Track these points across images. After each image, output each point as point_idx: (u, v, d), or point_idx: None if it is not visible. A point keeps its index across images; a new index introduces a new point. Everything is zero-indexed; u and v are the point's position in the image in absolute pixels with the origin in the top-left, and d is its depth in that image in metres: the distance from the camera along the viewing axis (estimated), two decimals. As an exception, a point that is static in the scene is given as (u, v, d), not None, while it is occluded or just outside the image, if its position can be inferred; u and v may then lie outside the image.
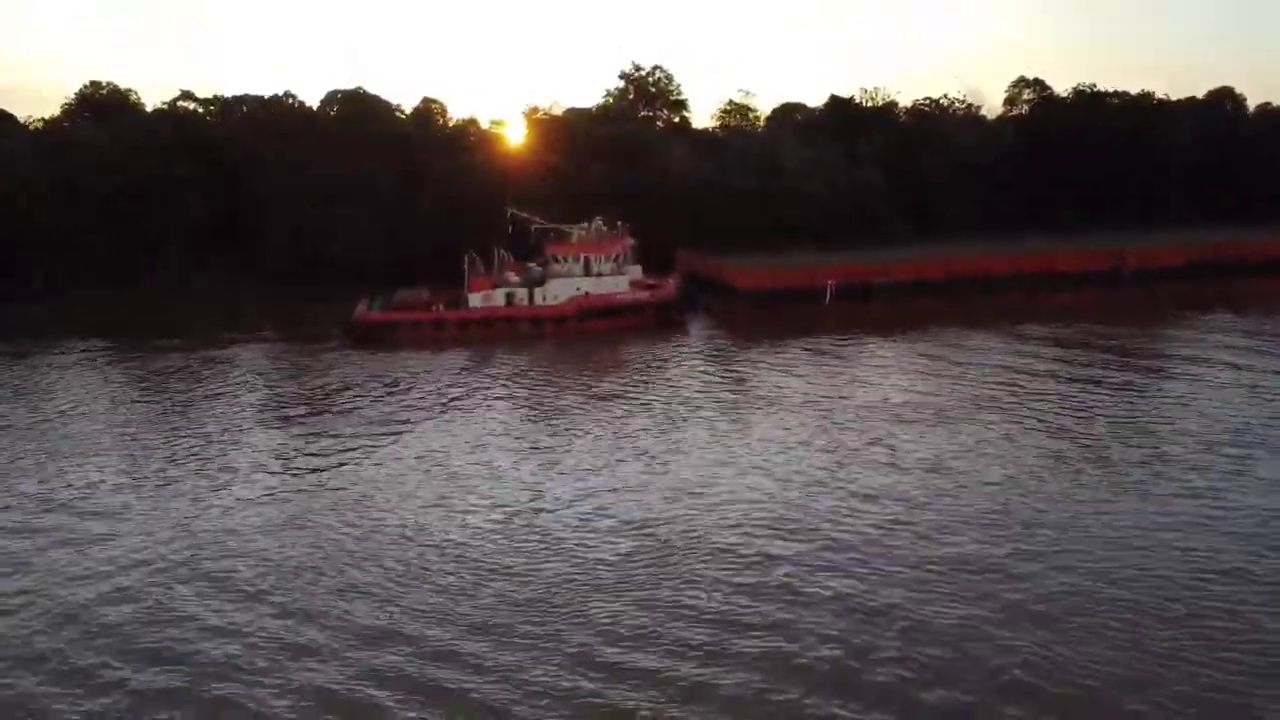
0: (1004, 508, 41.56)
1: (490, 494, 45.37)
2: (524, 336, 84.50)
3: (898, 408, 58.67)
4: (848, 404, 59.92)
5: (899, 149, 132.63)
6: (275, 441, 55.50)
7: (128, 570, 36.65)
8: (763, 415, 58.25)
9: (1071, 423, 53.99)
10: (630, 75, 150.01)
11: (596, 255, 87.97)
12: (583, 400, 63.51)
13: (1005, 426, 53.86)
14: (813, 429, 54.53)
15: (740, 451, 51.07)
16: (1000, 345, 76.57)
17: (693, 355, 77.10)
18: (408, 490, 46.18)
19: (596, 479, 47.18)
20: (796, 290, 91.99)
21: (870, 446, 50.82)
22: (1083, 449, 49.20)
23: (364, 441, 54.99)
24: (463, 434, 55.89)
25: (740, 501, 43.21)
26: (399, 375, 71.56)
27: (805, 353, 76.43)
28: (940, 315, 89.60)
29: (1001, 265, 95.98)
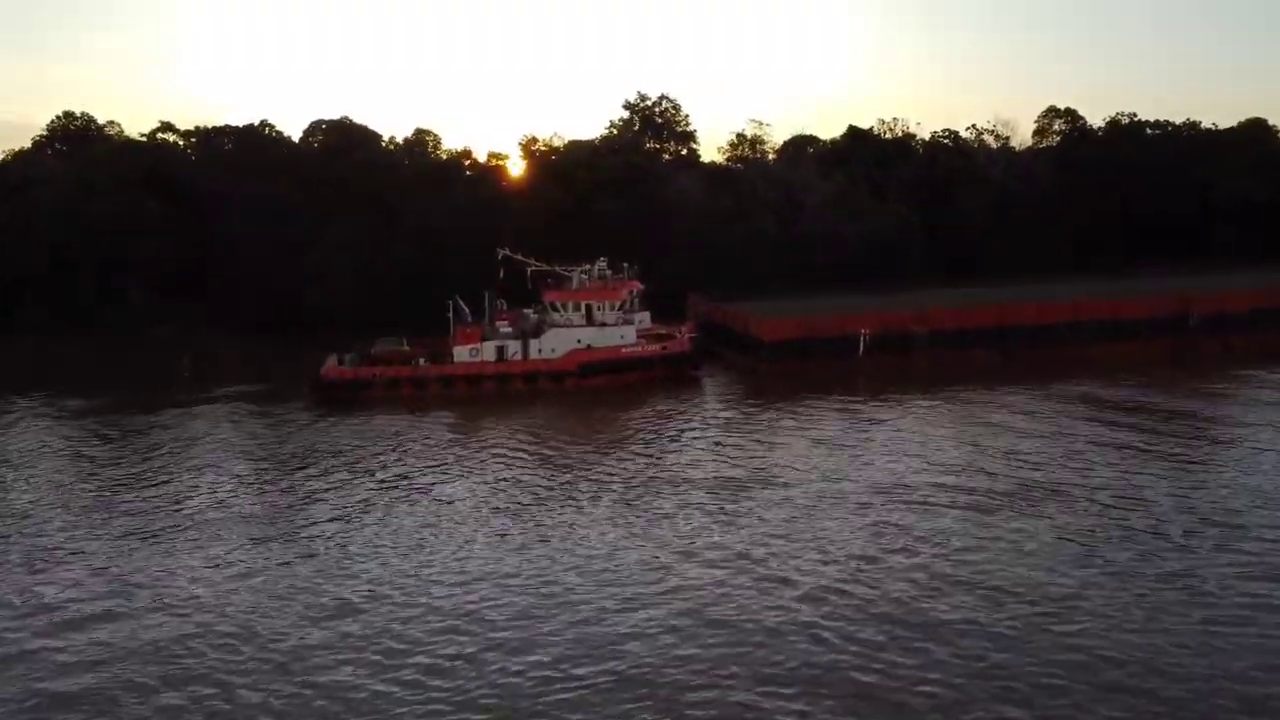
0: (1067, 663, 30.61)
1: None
2: (517, 396, 72.79)
3: (931, 491, 47.82)
4: (874, 487, 48.88)
5: (927, 185, 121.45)
6: (203, 545, 43.53)
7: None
8: (770, 502, 47.12)
9: (1142, 524, 42.57)
10: (635, 105, 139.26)
11: (600, 302, 76.36)
12: (574, 479, 51.86)
13: (1061, 519, 43.20)
14: (826, 525, 43.65)
15: (730, 552, 40.48)
16: (1057, 408, 65.03)
17: (705, 421, 65.36)
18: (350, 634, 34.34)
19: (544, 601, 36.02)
20: (826, 341, 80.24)
21: (890, 554, 39.90)
22: (1160, 569, 37.90)
23: (304, 543, 43.11)
24: (420, 525, 44.17)
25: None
26: (366, 446, 59.73)
27: (833, 416, 64.94)
28: (988, 370, 77.94)
29: (1057, 312, 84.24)
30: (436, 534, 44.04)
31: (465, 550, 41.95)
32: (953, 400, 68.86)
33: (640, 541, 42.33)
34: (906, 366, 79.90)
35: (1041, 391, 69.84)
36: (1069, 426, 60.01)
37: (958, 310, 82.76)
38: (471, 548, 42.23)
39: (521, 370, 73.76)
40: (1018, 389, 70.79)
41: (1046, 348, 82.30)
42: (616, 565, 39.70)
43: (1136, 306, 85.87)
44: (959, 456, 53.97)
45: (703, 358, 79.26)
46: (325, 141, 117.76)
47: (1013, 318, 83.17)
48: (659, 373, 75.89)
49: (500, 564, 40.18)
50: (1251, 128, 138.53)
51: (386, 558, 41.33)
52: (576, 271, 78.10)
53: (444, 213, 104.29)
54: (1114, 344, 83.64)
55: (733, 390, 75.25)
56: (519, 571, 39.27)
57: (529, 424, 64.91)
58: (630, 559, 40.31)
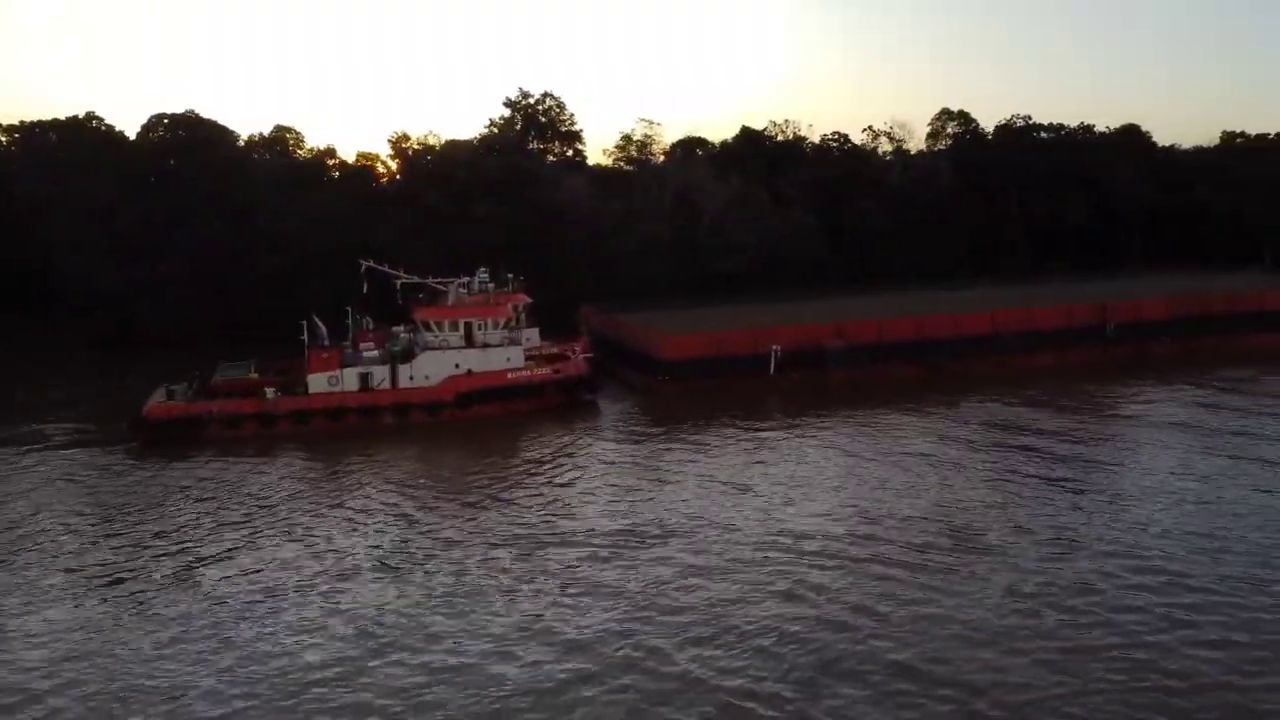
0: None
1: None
2: (385, 431, 61.49)
3: (832, 540, 40.09)
4: (775, 541, 40.31)
5: (824, 188, 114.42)
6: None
7: None
8: (652, 562, 38.39)
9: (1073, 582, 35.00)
10: (517, 103, 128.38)
11: (481, 320, 65.60)
12: (427, 541, 41.65)
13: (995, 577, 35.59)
14: (710, 581, 36.00)
15: (578, 640, 31.63)
16: (974, 432, 58.22)
17: (595, 457, 55.49)
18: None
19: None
20: (734, 360, 71.42)
21: (797, 643, 31.17)
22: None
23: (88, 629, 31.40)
24: (227, 615, 33.04)
25: None
26: (179, 506, 47.68)
27: (739, 448, 56.42)
28: (906, 387, 70.68)
29: (976, 324, 77.46)
30: (241, 625, 33.18)
31: (270, 648, 31.38)
32: (870, 423, 61.29)
33: (475, 623, 33.02)
34: (822, 384, 71.85)
35: (959, 411, 63.56)
36: (990, 457, 52.86)
37: (875, 323, 75.06)
38: (273, 642, 31.85)
39: (390, 401, 62.44)
40: (936, 408, 64.26)
41: (966, 360, 75.74)
42: (429, 662, 30.13)
43: (1054, 316, 79.81)
44: (874, 497, 46.11)
45: (599, 380, 69.31)
46: (167, 137, 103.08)
47: (931, 330, 75.95)
48: (551, 400, 65.66)
49: (306, 669, 29.71)
50: (1129, 132, 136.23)
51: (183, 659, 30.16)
52: (453, 285, 67.05)
53: (305, 217, 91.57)
54: (1032, 355, 77.63)
55: (631, 417, 65.54)
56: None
57: (392, 468, 53.86)
58: (451, 651, 30.93)
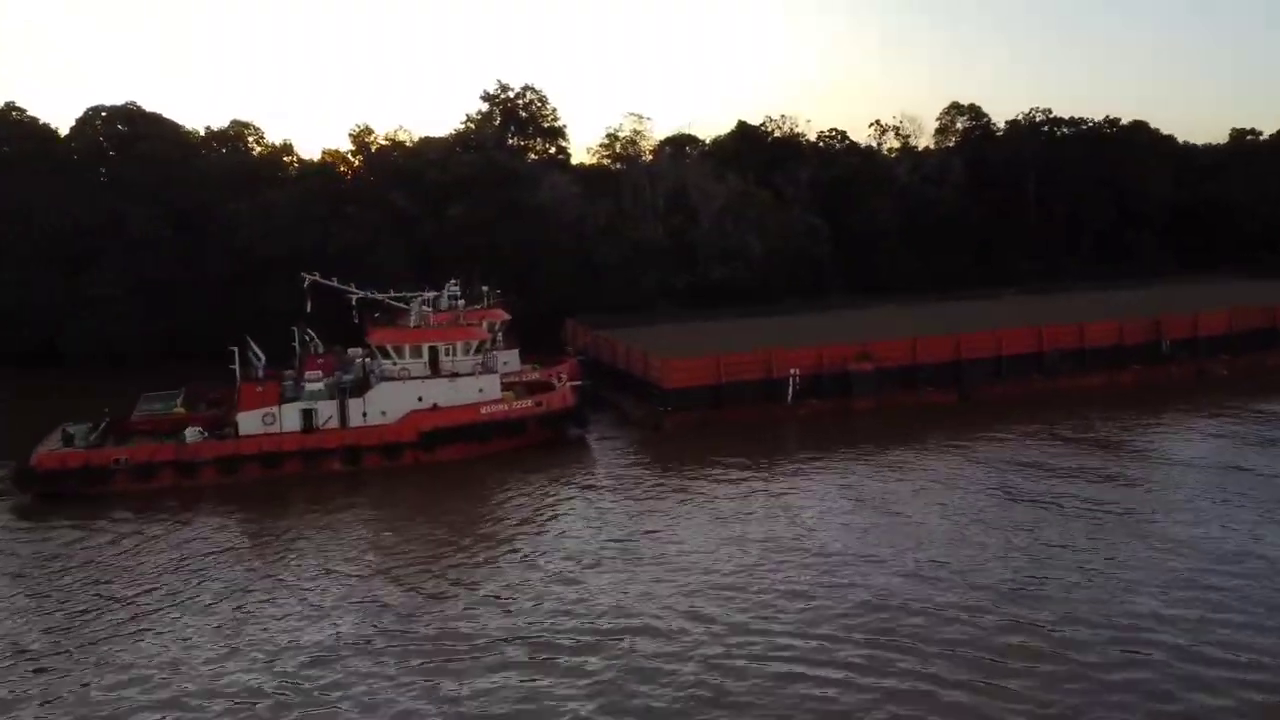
0: None
1: None
2: (333, 479, 49.99)
3: (859, 624, 31.31)
4: (800, 645, 29.92)
5: (831, 187, 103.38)
6: None
7: None
8: (633, 673, 27.64)
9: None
10: (495, 97, 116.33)
11: (449, 344, 54.08)
12: (355, 635, 30.12)
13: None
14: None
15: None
16: (1022, 474, 48.11)
17: (581, 517, 44.10)
18: None
19: None
20: (746, 387, 60.37)
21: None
22: None
23: None
24: None
25: None
26: (60, 584, 36.08)
27: (751, 502, 45.29)
28: (940, 417, 60.63)
29: (1019, 341, 66.72)
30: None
31: None
32: (902, 465, 50.96)
33: None
34: (846, 414, 61.02)
35: (1004, 448, 53.37)
36: (1034, 511, 42.63)
37: (908, 342, 64.04)
38: None
39: (338, 443, 50.84)
40: (977, 444, 54.07)
41: (1008, 383, 65.14)
42: None
43: (1105, 332, 69.12)
44: (920, 569, 35.95)
45: (589, 411, 57.96)
46: (105, 132, 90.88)
47: (970, 350, 65.09)
48: (533, 437, 54.30)
49: None
50: (1138, 129, 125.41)
51: None
52: (415, 301, 55.34)
53: (255, 220, 79.67)
54: (1081, 376, 67.08)
55: (629, 457, 54.21)
56: None
57: (334, 534, 42.45)
58: None
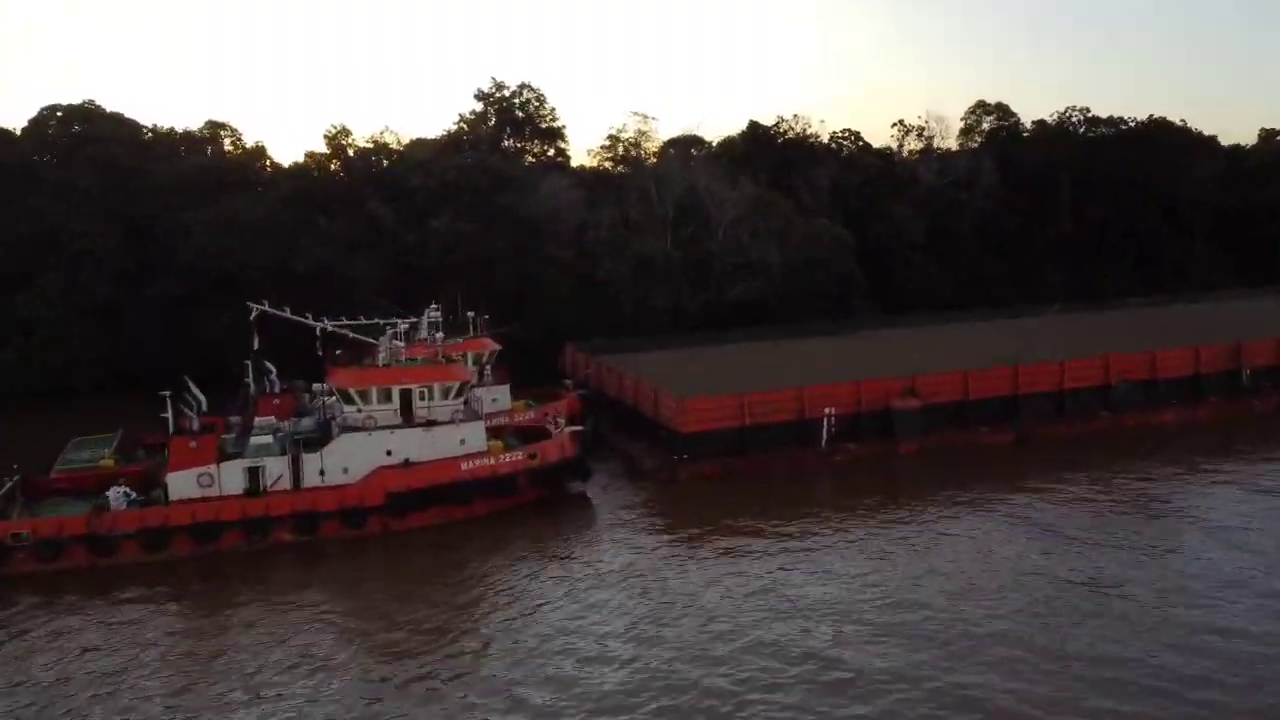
0: None
1: None
2: (282, 554, 40.74)
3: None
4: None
5: (855, 193, 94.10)
6: None
7: None
8: None
9: None
10: (490, 95, 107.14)
11: (425, 386, 44.68)
12: None
13: None
14: None
15: None
16: (1091, 538, 40.31)
17: (571, 616, 34.66)
18: None
19: None
20: (775, 429, 51.14)
21: None
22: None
23: None
24: None
25: None
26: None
27: (794, 572, 37.08)
28: (996, 461, 52.14)
29: (1084, 373, 57.51)
30: None
31: None
32: (956, 522, 42.95)
33: None
34: (888, 459, 51.85)
35: (1072, 501, 45.30)
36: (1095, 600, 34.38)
37: (959, 375, 54.78)
38: None
39: (290, 509, 41.47)
40: (1042, 497, 46.07)
41: (1069, 421, 55.98)
42: None
43: (1179, 360, 59.89)
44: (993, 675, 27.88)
45: (591, 460, 48.56)
46: (58, 133, 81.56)
47: (1030, 383, 55.87)
48: (525, 497, 44.99)
49: None
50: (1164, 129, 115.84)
51: None
52: (385, 336, 45.88)
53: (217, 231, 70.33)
54: (1153, 411, 57.91)
55: (640, 520, 44.89)
56: None
57: (272, 631, 33.23)
58: None
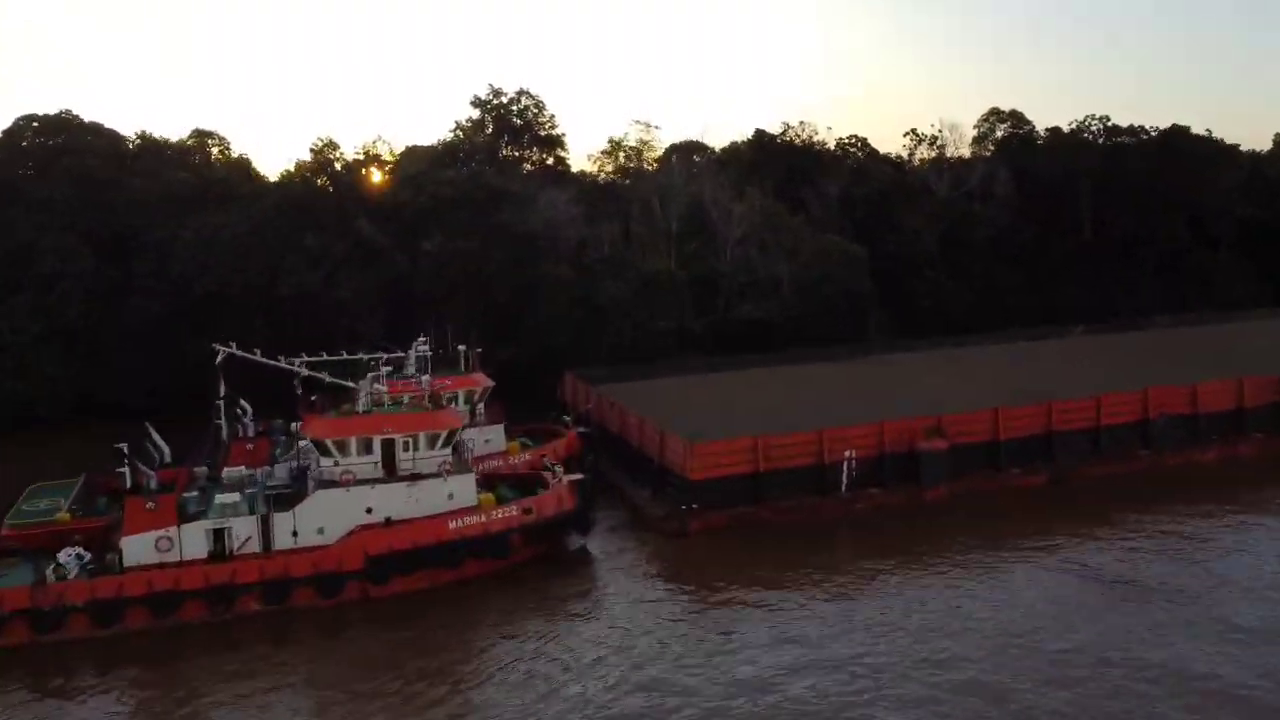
0: None
1: None
2: (249, 626, 36.51)
3: None
4: None
5: (866, 205, 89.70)
6: None
7: None
8: None
9: None
10: (487, 103, 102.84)
11: (409, 435, 40.31)
12: None
13: None
14: None
15: None
16: (1131, 593, 37.63)
17: (591, 672, 31.59)
18: None
19: None
20: (792, 475, 46.86)
21: None
22: None
23: None
24: None
25: None
26: None
27: (795, 647, 33.30)
28: (1028, 506, 48.57)
29: (1119, 408, 53.17)
30: None
31: None
32: (989, 575, 39.96)
33: None
34: (915, 508, 47.61)
35: (1110, 552, 42.13)
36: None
37: (989, 414, 50.43)
38: None
39: (259, 575, 37.13)
40: (1077, 545, 42.98)
41: (1106, 460, 51.74)
42: None
43: (1221, 393, 55.58)
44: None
45: (593, 509, 44.21)
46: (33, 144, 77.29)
47: (1064, 420, 51.56)
48: (520, 556, 40.68)
49: None
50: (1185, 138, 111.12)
51: None
52: (365, 381, 41.44)
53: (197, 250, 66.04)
54: (1193, 449, 53.70)
55: (646, 579, 40.76)
56: None
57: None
58: None
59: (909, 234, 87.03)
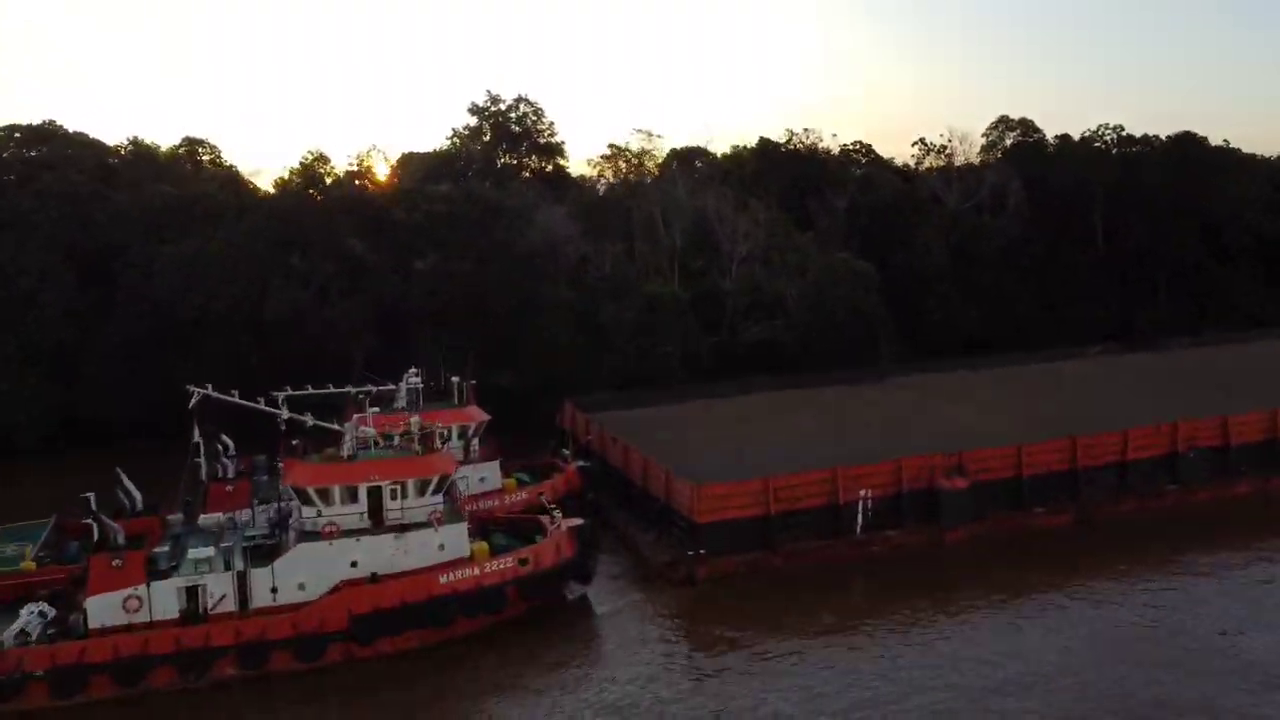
0: None
1: None
2: (227, 690, 33.71)
3: None
4: None
5: (874, 218, 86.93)
6: None
7: None
8: None
9: None
10: (485, 110, 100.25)
11: (396, 482, 37.44)
12: None
13: None
14: None
15: None
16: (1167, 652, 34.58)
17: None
18: None
19: None
20: (805, 517, 44.08)
21: None
22: None
23: None
24: None
25: None
26: None
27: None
28: (1054, 547, 45.87)
29: (1147, 441, 50.40)
30: None
31: None
32: (1017, 624, 37.59)
33: None
34: (936, 551, 44.87)
35: (1145, 595, 39.91)
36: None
37: (1010, 450, 47.62)
38: None
39: (235, 638, 34.28)
40: (1104, 587, 40.50)
41: (1133, 496, 48.97)
42: None
43: (1253, 425, 52.79)
44: None
45: (594, 556, 41.35)
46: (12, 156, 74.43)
47: (1089, 455, 48.77)
48: (515, 610, 37.85)
49: None
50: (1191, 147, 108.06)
51: None
52: (349, 424, 38.51)
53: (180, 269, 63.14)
54: (1225, 484, 51.04)
55: (646, 637, 37.88)
56: None
57: None
58: None
59: (919, 247, 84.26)
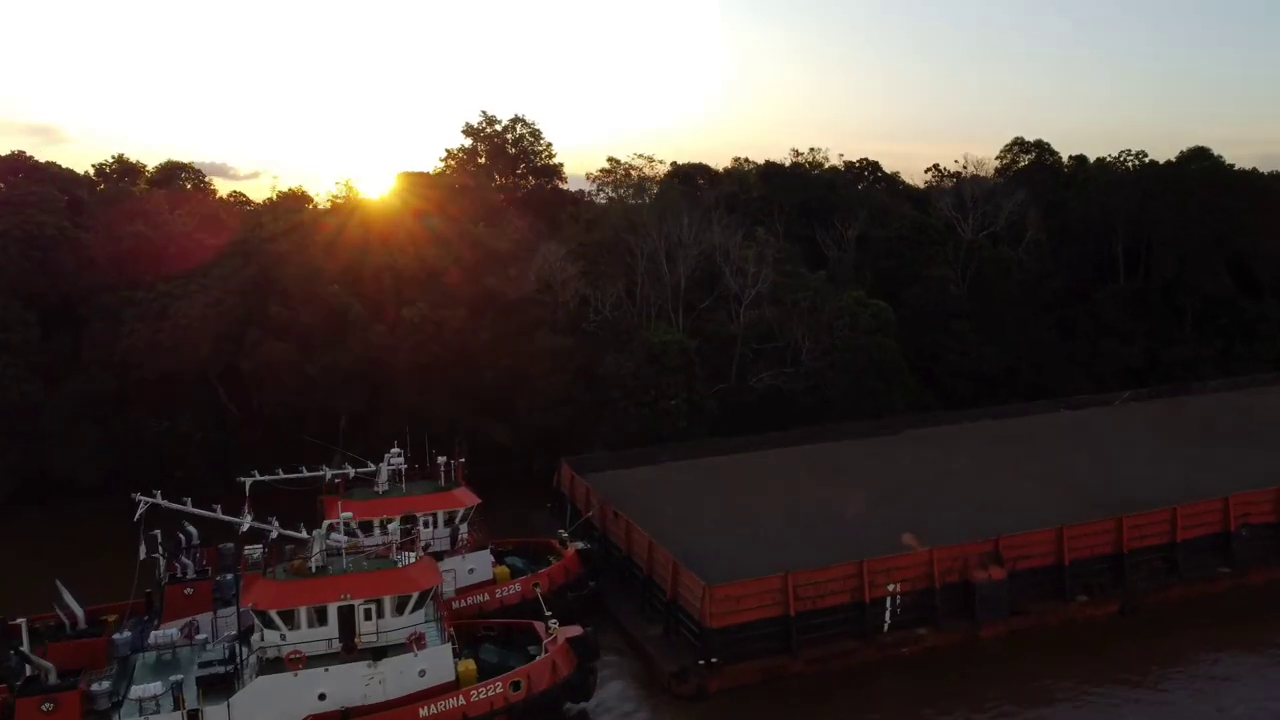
0: None
1: None
2: None
3: None
4: None
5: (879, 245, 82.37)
6: None
7: None
8: None
9: None
10: (480, 130, 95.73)
11: (371, 602, 32.79)
12: None
13: None
14: None
15: None
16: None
17: None
18: None
19: None
20: (828, 615, 39.62)
21: None
22: None
23: None
24: None
25: None
26: None
27: None
28: (1099, 643, 41.54)
29: (1198, 518, 46.06)
30: None
31: None
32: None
33: None
34: (971, 650, 40.46)
35: (1193, 692, 36.79)
36: None
37: (1050, 534, 43.14)
38: None
39: (183, 794, 29.81)
40: (1157, 686, 37.48)
41: (1184, 581, 44.62)
42: None
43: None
44: None
45: (595, 670, 36.75)
46: None
47: (1136, 536, 44.35)
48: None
49: None
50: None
51: None
52: (318, 531, 33.95)
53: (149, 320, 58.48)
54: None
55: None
56: None
57: None
58: None
59: (935, 283, 79.67)
